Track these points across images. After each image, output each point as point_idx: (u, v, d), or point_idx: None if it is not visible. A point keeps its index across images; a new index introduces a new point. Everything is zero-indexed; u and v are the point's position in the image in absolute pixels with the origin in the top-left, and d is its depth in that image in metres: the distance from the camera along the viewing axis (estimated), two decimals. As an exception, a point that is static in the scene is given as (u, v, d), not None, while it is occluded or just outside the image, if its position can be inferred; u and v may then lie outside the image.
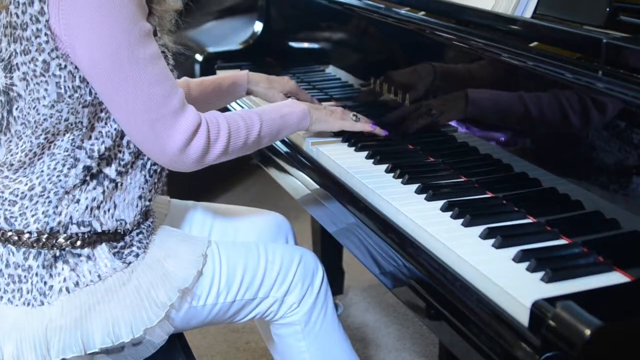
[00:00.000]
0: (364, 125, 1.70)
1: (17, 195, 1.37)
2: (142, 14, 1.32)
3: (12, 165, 1.38)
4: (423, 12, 1.64)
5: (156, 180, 1.49)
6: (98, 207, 1.40)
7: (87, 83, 1.33)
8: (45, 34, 1.29)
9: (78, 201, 1.38)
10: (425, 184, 1.42)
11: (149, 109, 1.32)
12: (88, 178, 1.39)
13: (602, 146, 1.20)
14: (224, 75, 1.86)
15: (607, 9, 1.29)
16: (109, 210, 1.41)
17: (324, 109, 1.66)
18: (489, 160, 1.45)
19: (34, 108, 1.34)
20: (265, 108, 1.54)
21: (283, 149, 1.80)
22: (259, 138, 1.48)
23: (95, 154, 1.38)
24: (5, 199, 1.38)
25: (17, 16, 1.31)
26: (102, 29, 1.27)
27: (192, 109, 1.38)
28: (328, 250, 2.53)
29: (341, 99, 1.97)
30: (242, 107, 2.07)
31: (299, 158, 1.72)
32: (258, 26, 2.45)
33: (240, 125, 1.44)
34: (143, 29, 1.31)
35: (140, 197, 1.45)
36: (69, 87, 1.32)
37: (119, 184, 1.42)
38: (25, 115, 1.35)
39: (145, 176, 1.45)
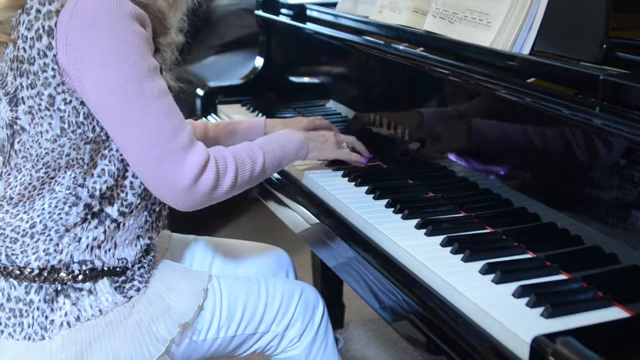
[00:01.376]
0: (358, 159, 1.71)
1: (18, 233, 1.38)
2: (150, 50, 1.33)
3: (11, 199, 1.39)
4: (422, 49, 1.66)
5: (155, 219, 1.49)
6: (99, 247, 1.40)
7: (91, 120, 1.34)
8: (53, 69, 1.30)
9: (79, 240, 1.38)
10: (425, 219, 1.43)
11: (157, 145, 1.31)
12: (89, 217, 1.39)
13: (600, 181, 1.21)
14: (241, 120, 1.87)
15: (604, 46, 1.31)
16: (110, 249, 1.41)
17: (319, 138, 1.66)
18: (489, 195, 1.46)
19: (36, 141, 1.34)
20: (265, 140, 1.55)
21: (282, 182, 1.81)
22: (263, 170, 1.48)
23: (97, 193, 1.38)
24: (7, 236, 1.38)
25: (25, 50, 1.32)
26: (110, 62, 1.28)
27: (201, 145, 1.37)
28: (328, 284, 2.53)
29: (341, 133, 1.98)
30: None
31: (298, 192, 1.73)
32: (259, 61, 2.47)
33: (245, 158, 1.44)
34: (151, 64, 1.32)
35: (141, 237, 1.45)
36: (72, 122, 1.33)
37: (121, 224, 1.42)
38: (27, 149, 1.36)
39: (146, 216, 1.46)
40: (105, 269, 1.40)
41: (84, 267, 1.38)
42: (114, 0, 1.28)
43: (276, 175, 1.83)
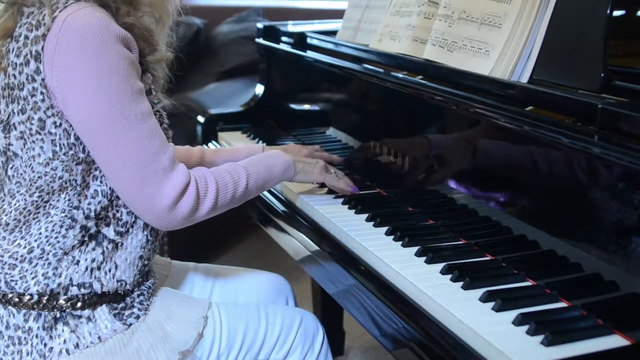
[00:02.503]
0: (345, 186, 1.71)
1: (16, 259, 1.38)
2: (135, 73, 1.34)
3: (7, 225, 1.39)
4: (421, 76, 1.67)
5: (153, 239, 1.49)
6: (98, 268, 1.40)
7: (82, 140, 1.35)
8: (41, 92, 1.31)
9: (78, 262, 1.39)
10: (425, 246, 1.43)
11: (139, 166, 1.32)
12: (87, 239, 1.39)
13: (599, 208, 1.21)
14: (239, 147, 1.88)
15: (602, 75, 1.32)
16: (109, 270, 1.41)
17: (307, 161, 1.67)
18: (488, 222, 1.46)
19: (29, 166, 1.35)
20: (251, 160, 1.55)
21: (282, 208, 1.81)
22: (246, 191, 1.49)
23: (92, 214, 1.39)
24: (5, 262, 1.38)
25: (15, 77, 1.33)
26: (94, 84, 1.29)
27: (183, 167, 1.38)
28: (328, 311, 2.52)
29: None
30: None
31: (298, 219, 1.73)
32: (259, 89, 2.48)
33: (228, 180, 1.45)
34: (135, 86, 1.33)
35: (140, 257, 1.46)
36: (64, 144, 1.34)
37: (119, 244, 1.42)
38: (20, 174, 1.36)
39: (146, 235, 1.46)
40: (105, 292, 1.40)
41: (83, 291, 1.38)
42: (99, 23, 1.29)
43: (275, 201, 1.83)
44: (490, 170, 1.48)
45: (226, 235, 3.52)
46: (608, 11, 1.34)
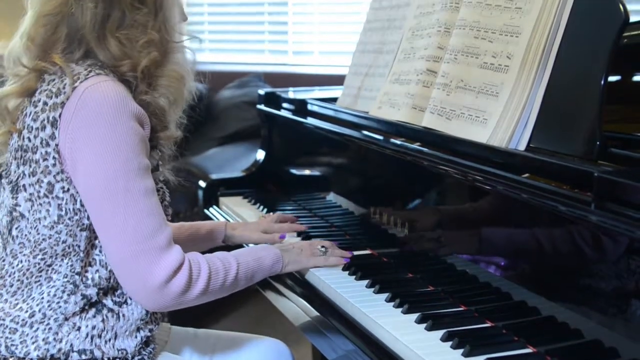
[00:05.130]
0: (337, 261, 1.71)
1: (17, 323, 1.38)
2: (144, 150, 1.37)
3: (11, 286, 1.40)
4: (419, 143, 1.69)
5: (152, 312, 1.49)
6: (99, 336, 1.40)
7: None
8: (54, 157, 1.34)
9: (79, 329, 1.39)
10: (425, 313, 1.43)
11: (136, 241, 1.33)
12: (87, 306, 1.40)
13: (598, 274, 1.22)
14: (203, 222, 1.89)
15: (598, 142, 1.34)
16: (110, 339, 1.41)
17: (294, 249, 1.67)
18: (488, 288, 1.47)
19: (34, 228, 1.37)
20: (242, 251, 1.57)
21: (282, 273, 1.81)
22: (235, 281, 1.49)
23: (92, 282, 1.40)
24: (7, 326, 1.39)
25: (29, 140, 1.36)
26: (104, 154, 1.32)
27: (178, 248, 1.39)
28: (329, 377, 2.50)
29: (342, 227, 2.00)
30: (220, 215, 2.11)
31: (297, 284, 1.73)
32: (260, 154, 2.50)
33: (219, 267, 1.46)
34: (142, 163, 1.36)
35: (141, 329, 1.45)
36: (69, 209, 1.36)
37: (119, 314, 1.42)
38: (25, 235, 1.38)
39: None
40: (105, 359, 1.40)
41: (83, 357, 1.38)
42: (117, 97, 1.33)
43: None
44: (488, 237, 1.49)
45: (225, 300, 3.50)
46: (602, 81, 1.37)
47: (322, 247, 1.71)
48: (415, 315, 1.44)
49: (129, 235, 1.33)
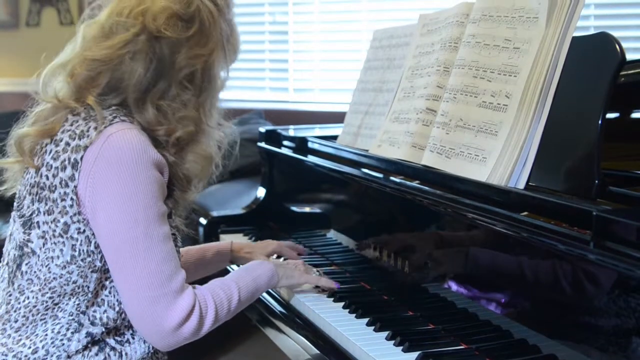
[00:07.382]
0: (328, 284, 1.74)
1: (20, 359, 1.38)
2: (162, 195, 1.39)
3: (16, 321, 1.40)
4: (418, 181, 1.70)
5: (155, 350, 1.49)
6: (101, 374, 1.40)
7: (101, 249, 1.38)
8: (72, 198, 1.36)
9: (81, 367, 1.39)
10: (426, 352, 1.43)
11: (153, 286, 1.35)
12: (90, 344, 1.40)
13: (598, 312, 1.22)
14: (209, 245, 1.92)
15: (596, 181, 1.35)
16: (111, 378, 1.41)
17: (288, 265, 1.70)
18: (489, 326, 1.47)
19: (46, 266, 1.38)
20: (239, 274, 1.58)
21: (280, 309, 1.81)
22: (239, 304, 1.51)
23: (99, 322, 1.40)
24: (9, 363, 1.39)
25: (47, 178, 1.38)
26: (124, 202, 1.34)
27: (190, 291, 1.41)
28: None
29: (342, 264, 2.00)
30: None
31: (297, 321, 1.73)
32: (261, 191, 2.51)
33: (223, 298, 1.47)
34: (161, 209, 1.38)
35: (143, 366, 1.46)
36: (83, 250, 1.37)
37: (122, 353, 1.43)
38: (34, 272, 1.39)
39: (149, 346, 1.46)
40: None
41: (84, 393, 1.38)
42: (140, 145, 1.36)
43: (275, 304, 1.84)
44: (488, 275, 1.49)
45: (226, 337, 3.49)
46: (600, 120, 1.38)
47: (317, 271, 1.74)
48: (415, 354, 1.43)
49: (148, 280, 1.35)
